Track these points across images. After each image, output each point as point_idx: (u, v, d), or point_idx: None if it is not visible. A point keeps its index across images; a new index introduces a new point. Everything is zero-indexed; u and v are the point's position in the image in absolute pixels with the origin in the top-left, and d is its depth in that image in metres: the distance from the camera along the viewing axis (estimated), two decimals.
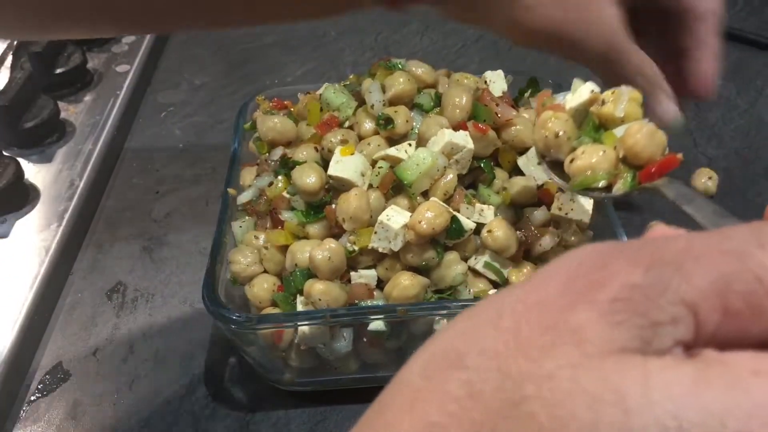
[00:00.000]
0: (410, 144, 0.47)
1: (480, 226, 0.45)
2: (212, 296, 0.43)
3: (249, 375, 0.51)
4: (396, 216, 0.44)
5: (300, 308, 0.44)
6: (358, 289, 0.44)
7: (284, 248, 0.47)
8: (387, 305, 0.43)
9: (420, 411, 0.18)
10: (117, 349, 0.53)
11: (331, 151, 0.48)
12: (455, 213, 0.44)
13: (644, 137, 0.36)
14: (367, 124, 0.49)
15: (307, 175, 0.46)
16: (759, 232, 0.17)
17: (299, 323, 0.43)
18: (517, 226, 0.46)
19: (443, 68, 0.55)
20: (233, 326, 0.42)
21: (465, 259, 0.45)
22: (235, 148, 0.55)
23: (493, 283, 0.45)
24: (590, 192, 0.38)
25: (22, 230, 0.60)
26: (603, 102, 0.38)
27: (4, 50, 0.78)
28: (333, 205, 0.46)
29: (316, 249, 0.43)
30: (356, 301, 0.43)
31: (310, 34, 0.88)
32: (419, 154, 0.45)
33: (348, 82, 0.55)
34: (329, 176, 0.46)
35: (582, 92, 0.39)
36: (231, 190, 0.51)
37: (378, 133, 0.48)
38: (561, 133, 0.38)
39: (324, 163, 0.48)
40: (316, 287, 0.43)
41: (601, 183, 0.37)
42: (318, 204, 0.47)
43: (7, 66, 0.76)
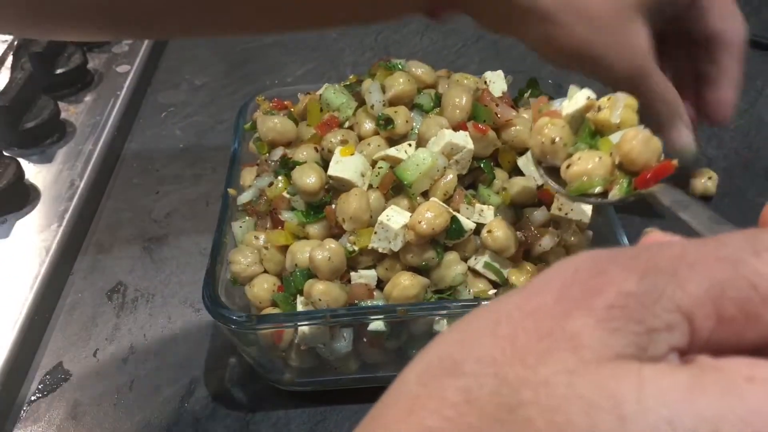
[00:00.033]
0: (410, 144, 0.47)
1: (480, 227, 0.45)
2: (212, 296, 0.43)
3: (249, 375, 0.51)
4: (396, 216, 0.44)
5: (300, 308, 0.44)
6: (358, 290, 0.44)
7: (284, 248, 0.47)
8: (387, 305, 0.43)
9: (417, 417, 0.18)
10: (117, 349, 0.53)
11: (331, 152, 0.48)
12: (455, 213, 0.44)
13: (640, 143, 0.36)
14: (367, 125, 0.49)
15: (307, 176, 0.46)
16: (754, 240, 0.17)
17: (299, 323, 0.43)
18: (517, 227, 0.46)
19: (443, 68, 0.55)
20: (233, 326, 0.42)
21: (465, 260, 0.45)
22: (235, 149, 0.55)
23: (493, 284, 0.45)
24: (586, 198, 0.38)
25: (23, 230, 0.60)
26: (599, 108, 0.38)
27: (5, 50, 0.78)
28: (333, 206, 0.46)
29: (316, 249, 0.43)
30: (356, 301, 0.44)
31: (310, 35, 0.88)
32: (419, 155, 0.45)
33: (348, 83, 0.55)
34: (329, 176, 0.46)
35: (578, 99, 0.40)
36: (231, 191, 0.51)
37: (378, 134, 0.49)
38: (557, 139, 0.38)
39: (324, 164, 0.48)
40: (316, 287, 0.43)
41: (597, 189, 0.37)
42: (318, 204, 0.47)
43: (8, 66, 0.76)
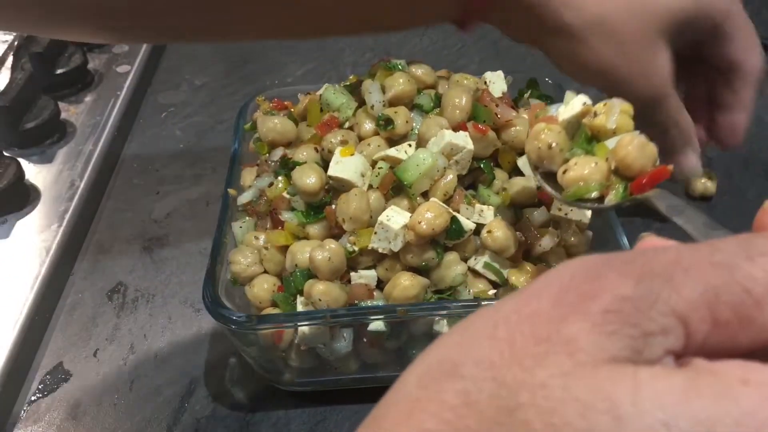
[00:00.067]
0: (410, 145, 0.47)
1: (480, 227, 0.45)
2: (213, 296, 0.43)
3: (249, 375, 0.51)
4: (396, 216, 0.44)
5: (300, 308, 0.44)
6: (358, 290, 0.44)
7: (284, 249, 0.47)
8: (387, 305, 0.43)
9: (417, 420, 0.18)
10: (117, 350, 0.54)
11: (331, 152, 0.48)
12: (455, 213, 0.44)
13: (635, 149, 0.36)
14: (367, 125, 0.49)
15: (307, 176, 0.46)
16: (747, 245, 0.18)
17: (299, 323, 0.43)
18: (517, 227, 0.46)
19: (443, 68, 0.55)
20: (233, 326, 0.42)
21: (465, 260, 0.45)
22: (236, 149, 0.55)
23: (493, 284, 0.45)
24: (583, 203, 0.38)
25: (23, 231, 0.60)
26: (595, 114, 0.39)
27: (5, 51, 0.78)
28: (333, 206, 0.46)
29: (316, 249, 0.43)
30: (356, 302, 0.44)
31: None
32: (419, 155, 0.45)
33: (348, 83, 0.55)
34: (329, 177, 0.46)
35: (574, 104, 0.40)
36: (231, 191, 0.51)
37: (378, 134, 0.49)
38: (554, 145, 0.39)
39: (324, 164, 0.48)
40: (317, 288, 0.43)
41: (594, 194, 0.37)
42: (318, 204, 0.47)
43: (8, 66, 0.76)
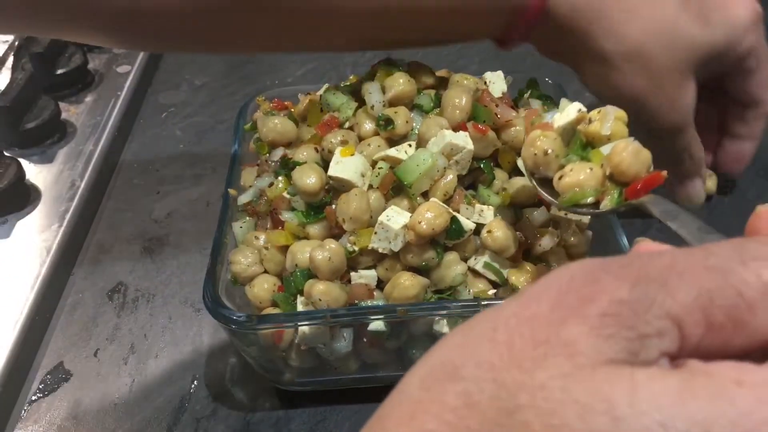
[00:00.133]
0: (410, 145, 0.48)
1: (480, 227, 0.45)
2: (213, 296, 0.43)
3: (249, 375, 0.51)
4: (396, 216, 0.44)
5: (300, 308, 0.44)
6: (358, 290, 0.44)
7: (284, 249, 0.47)
8: (387, 305, 0.43)
9: (418, 421, 0.18)
10: (118, 349, 0.54)
11: (331, 152, 0.48)
12: (455, 213, 0.44)
13: (630, 155, 0.37)
14: (367, 125, 0.49)
15: (308, 176, 0.46)
16: (741, 249, 0.18)
17: (299, 323, 0.43)
18: (517, 227, 0.46)
19: (443, 68, 0.56)
20: (234, 326, 0.42)
21: (465, 260, 0.45)
22: (236, 149, 0.55)
23: (493, 284, 0.45)
24: (578, 208, 0.39)
25: (23, 231, 0.60)
26: (590, 121, 0.39)
27: (6, 51, 0.78)
28: (333, 206, 0.46)
29: (317, 249, 0.43)
30: (356, 302, 0.44)
31: None
32: (419, 155, 0.45)
33: (348, 83, 0.55)
34: (329, 177, 0.46)
35: (569, 111, 0.40)
36: (231, 191, 0.51)
37: (378, 134, 0.49)
38: (549, 151, 0.39)
39: (324, 164, 0.48)
40: (317, 287, 0.43)
41: (589, 199, 0.38)
42: (318, 204, 0.47)
43: (8, 67, 0.76)
